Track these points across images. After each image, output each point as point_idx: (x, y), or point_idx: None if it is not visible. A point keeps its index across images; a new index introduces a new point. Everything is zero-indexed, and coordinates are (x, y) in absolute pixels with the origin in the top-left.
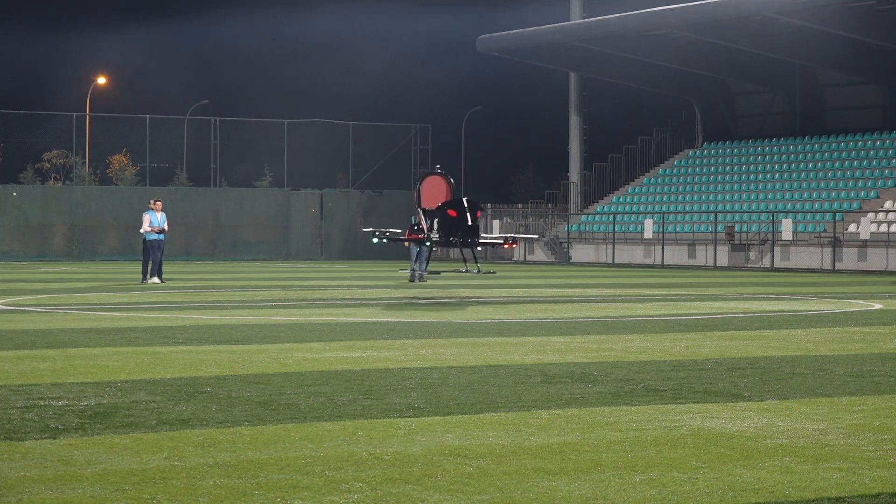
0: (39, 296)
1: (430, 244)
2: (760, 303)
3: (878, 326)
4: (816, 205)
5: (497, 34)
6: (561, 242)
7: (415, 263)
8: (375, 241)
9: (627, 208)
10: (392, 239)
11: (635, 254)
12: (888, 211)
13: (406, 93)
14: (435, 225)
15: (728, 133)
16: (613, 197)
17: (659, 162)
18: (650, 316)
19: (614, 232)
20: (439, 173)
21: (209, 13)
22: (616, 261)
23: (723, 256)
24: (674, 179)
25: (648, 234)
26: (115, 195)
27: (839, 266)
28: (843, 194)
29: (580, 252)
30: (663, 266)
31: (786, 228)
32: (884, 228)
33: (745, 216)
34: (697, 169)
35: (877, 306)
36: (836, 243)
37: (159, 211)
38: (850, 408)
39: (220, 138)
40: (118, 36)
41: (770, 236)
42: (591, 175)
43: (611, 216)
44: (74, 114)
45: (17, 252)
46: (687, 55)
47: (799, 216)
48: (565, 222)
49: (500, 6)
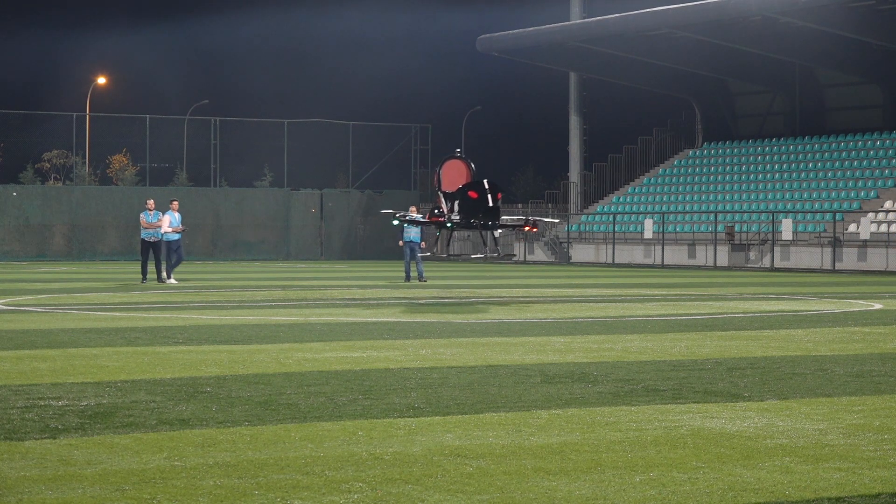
0: (39, 296)
1: (451, 226)
2: (760, 303)
3: (879, 326)
4: (816, 205)
5: (497, 34)
6: (561, 242)
7: (409, 264)
8: (396, 224)
9: (627, 208)
10: (412, 222)
11: (635, 254)
12: (888, 211)
13: (406, 93)
14: (455, 207)
15: (728, 133)
16: (613, 197)
17: (659, 162)
18: (650, 316)
19: (614, 232)
20: (459, 157)
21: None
22: (616, 261)
23: (723, 256)
24: (674, 179)
25: (648, 234)
26: (115, 195)
27: (839, 266)
28: (843, 194)
29: (580, 252)
30: (663, 266)
31: (786, 228)
32: (884, 228)
33: (745, 216)
34: (697, 169)
35: (877, 306)
36: (836, 243)
37: (177, 211)
38: (850, 408)
39: (220, 138)
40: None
41: (770, 236)
42: (591, 175)
43: (611, 216)
44: (74, 114)
45: (17, 252)
46: (687, 55)
47: (799, 216)
48: (565, 222)
49: (500, 6)
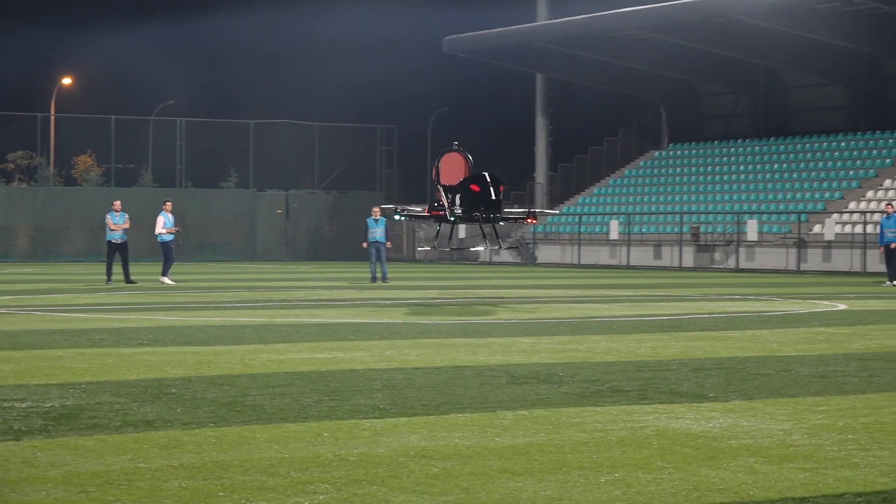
0: (3, 297)
1: (455, 220)
2: (725, 303)
3: (843, 327)
4: (781, 206)
5: (463, 35)
6: (527, 243)
7: (375, 265)
8: (397, 219)
9: (593, 209)
10: (413, 216)
11: (601, 255)
12: (853, 212)
13: (372, 94)
14: (457, 201)
15: (694, 134)
16: (579, 198)
17: (625, 163)
18: (616, 317)
19: (580, 233)
20: (457, 150)
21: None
22: (582, 262)
23: (688, 257)
24: (639, 180)
25: (614, 235)
26: (80, 196)
27: (804, 267)
28: (808, 195)
29: (546, 253)
30: (629, 267)
31: (751, 229)
32: (848, 229)
33: (711, 217)
34: (663, 170)
35: (841, 307)
36: (801, 244)
37: (170, 212)
38: (815, 408)
39: (186, 139)
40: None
41: (735, 237)
42: (557, 176)
43: (577, 217)
44: (39, 114)
45: None
46: (653, 56)
47: (764, 217)
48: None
49: (467, 7)
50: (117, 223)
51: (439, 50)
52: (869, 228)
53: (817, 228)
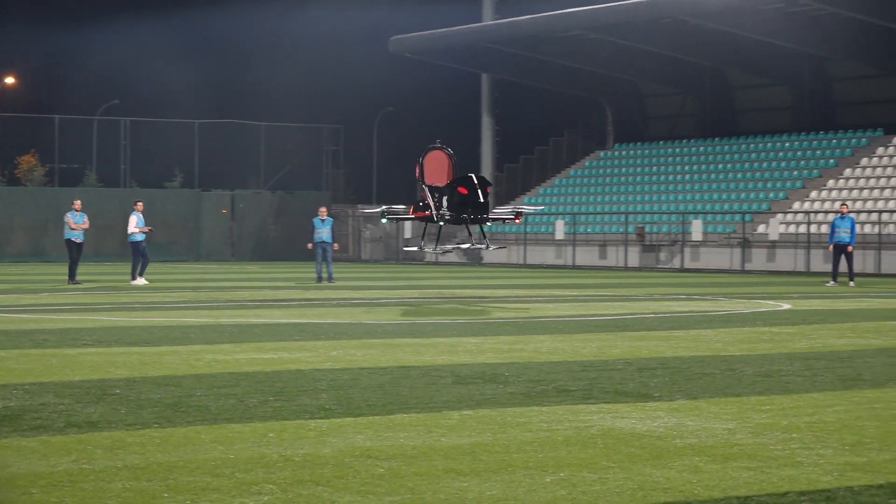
0: None
1: (443, 222)
2: (671, 303)
3: (787, 326)
4: (726, 206)
5: (409, 35)
6: (474, 245)
7: (321, 265)
8: (384, 222)
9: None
10: (400, 218)
11: (547, 255)
12: (797, 212)
13: (318, 93)
14: (444, 203)
15: (639, 134)
16: (525, 198)
17: (570, 163)
18: (561, 317)
19: (526, 233)
20: (440, 148)
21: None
22: (528, 262)
23: (633, 257)
24: (585, 181)
25: (560, 235)
26: (24, 196)
27: (748, 267)
28: (753, 195)
29: (492, 253)
30: (574, 267)
31: (696, 229)
32: (792, 229)
33: (656, 217)
34: (608, 170)
35: (785, 306)
36: (746, 244)
37: (142, 212)
38: (759, 407)
39: (130, 139)
40: (27, 35)
41: (680, 237)
42: (503, 176)
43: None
44: None
45: None
46: (598, 57)
47: (709, 217)
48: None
49: (412, 7)
50: (78, 222)
51: (385, 50)
52: (813, 228)
53: (762, 228)
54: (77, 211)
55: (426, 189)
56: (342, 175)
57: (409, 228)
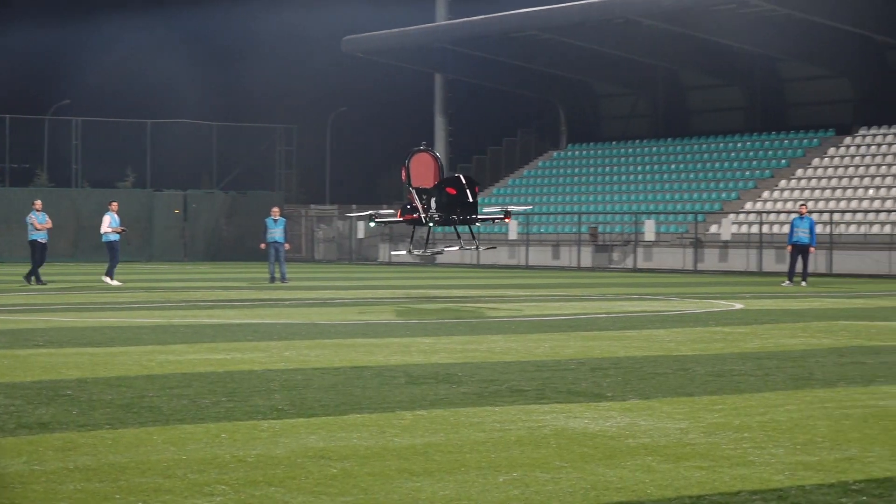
0: None
1: (432, 223)
2: (623, 303)
3: (739, 326)
4: (679, 206)
5: (362, 35)
6: (428, 247)
7: (273, 265)
8: (373, 226)
9: None
10: (388, 222)
11: (500, 255)
12: (749, 212)
13: (270, 93)
14: (433, 204)
15: (592, 135)
16: (478, 198)
17: (523, 163)
18: (514, 317)
19: (479, 233)
20: (426, 150)
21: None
22: (481, 262)
23: (586, 257)
24: (538, 181)
25: (513, 235)
26: None
27: (701, 266)
28: (705, 195)
29: (445, 253)
30: (528, 267)
31: (648, 229)
32: (744, 229)
33: (609, 217)
34: (561, 170)
35: (737, 306)
36: (698, 244)
37: (116, 212)
38: (711, 407)
39: (82, 139)
40: None
41: (633, 237)
42: None
43: None
44: None
45: None
46: (551, 57)
47: (661, 217)
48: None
49: (365, 7)
50: (41, 223)
51: (338, 49)
52: (765, 229)
53: (714, 228)
54: (38, 211)
55: (413, 192)
56: (295, 175)
57: (362, 229)
